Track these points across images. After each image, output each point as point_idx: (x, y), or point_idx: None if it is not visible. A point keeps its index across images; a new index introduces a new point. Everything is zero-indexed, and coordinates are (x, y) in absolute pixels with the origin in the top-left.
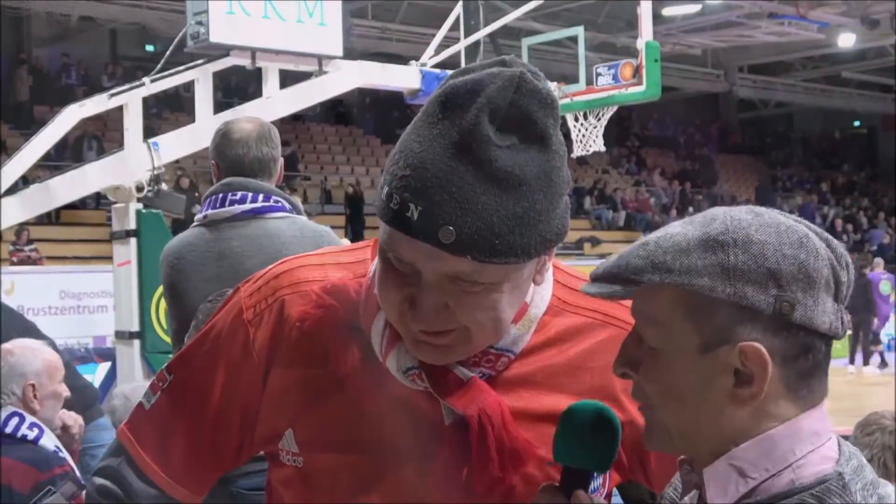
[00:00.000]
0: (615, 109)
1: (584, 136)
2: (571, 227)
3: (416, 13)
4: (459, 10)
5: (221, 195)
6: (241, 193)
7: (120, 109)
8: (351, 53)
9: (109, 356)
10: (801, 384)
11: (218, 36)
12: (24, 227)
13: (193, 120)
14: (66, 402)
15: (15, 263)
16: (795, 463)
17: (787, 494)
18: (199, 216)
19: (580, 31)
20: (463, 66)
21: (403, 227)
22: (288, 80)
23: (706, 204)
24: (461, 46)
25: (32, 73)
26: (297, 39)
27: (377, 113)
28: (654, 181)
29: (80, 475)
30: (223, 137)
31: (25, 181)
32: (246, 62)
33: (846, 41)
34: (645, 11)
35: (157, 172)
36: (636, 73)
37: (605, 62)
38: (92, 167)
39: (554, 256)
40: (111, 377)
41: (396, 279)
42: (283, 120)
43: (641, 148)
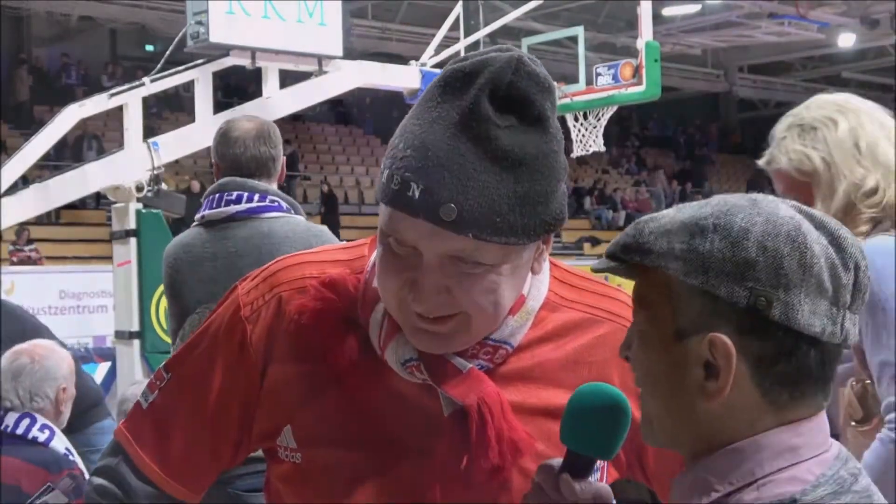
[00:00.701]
0: (615, 109)
1: (584, 136)
2: (571, 227)
3: (416, 13)
4: (459, 10)
5: (218, 195)
6: (236, 193)
7: (120, 109)
8: (351, 53)
9: (109, 356)
10: (779, 391)
11: (218, 36)
12: (24, 227)
13: (193, 120)
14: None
15: (15, 263)
16: (761, 480)
17: None
18: (197, 216)
19: (580, 31)
20: None
21: (405, 205)
22: (288, 80)
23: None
24: (461, 46)
25: (32, 73)
26: (297, 39)
27: (377, 113)
28: (657, 180)
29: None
30: (222, 137)
31: (25, 181)
32: (246, 62)
33: (846, 41)
34: (645, 11)
35: (156, 172)
36: (636, 73)
37: (604, 62)
38: (92, 167)
39: (554, 256)
40: (111, 377)
41: (396, 264)
42: (283, 120)
43: (641, 148)
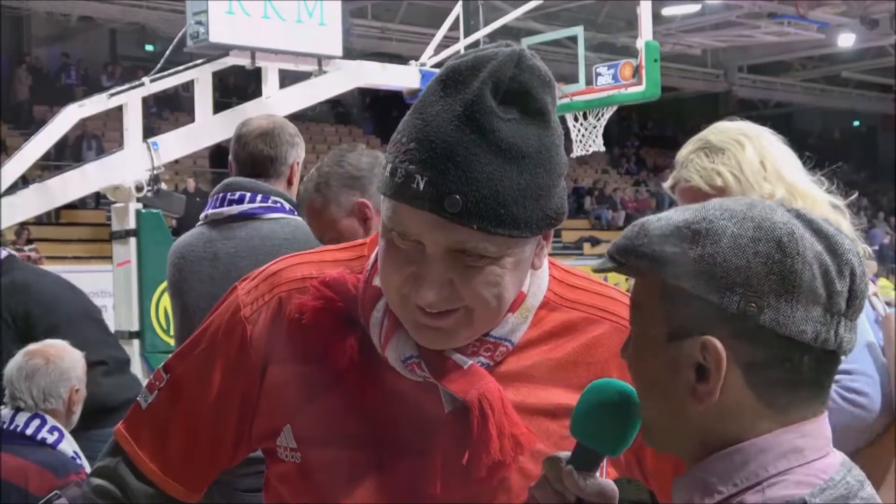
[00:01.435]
0: (615, 109)
1: (584, 136)
2: (571, 227)
3: (416, 13)
4: (459, 10)
5: (221, 195)
6: (239, 194)
7: (120, 109)
8: (351, 53)
9: None
10: (777, 395)
11: (217, 36)
12: (24, 227)
13: (193, 120)
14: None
15: None
16: (767, 481)
17: None
18: (202, 215)
19: (580, 31)
20: None
21: (410, 197)
22: (288, 80)
23: None
24: (461, 46)
25: (32, 72)
26: (296, 39)
27: (377, 113)
28: (664, 179)
29: None
30: (234, 135)
31: (25, 181)
32: (246, 62)
33: (846, 41)
34: (645, 11)
35: (156, 172)
36: (636, 72)
37: (604, 62)
38: (92, 167)
39: (554, 256)
40: None
41: (399, 258)
42: None
43: (641, 148)
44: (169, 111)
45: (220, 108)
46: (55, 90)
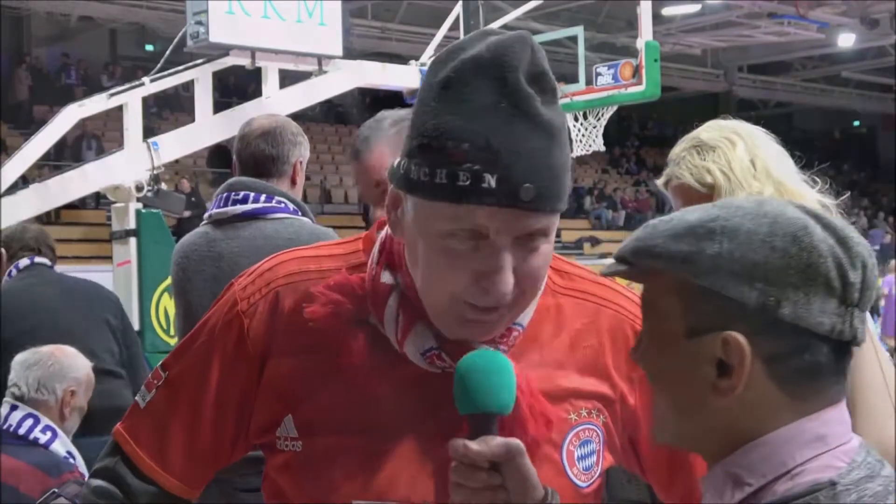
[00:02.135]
0: (615, 109)
1: (584, 135)
2: (571, 226)
3: (416, 13)
4: (459, 10)
5: (225, 195)
6: (243, 193)
7: (120, 109)
8: (351, 53)
9: None
10: (798, 385)
11: (218, 36)
12: None
13: (193, 120)
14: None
15: None
16: (795, 469)
17: None
18: (206, 215)
19: (580, 30)
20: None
21: (483, 196)
22: (288, 80)
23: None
24: None
25: (32, 72)
26: (296, 39)
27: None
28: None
29: None
30: (238, 134)
31: (25, 181)
32: (246, 62)
33: (846, 41)
34: (645, 11)
35: (156, 172)
36: (636, 72)
37: (604, 62)
38: (92, 167)
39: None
40: None
41: (459, 260)
42: None
43: (641, 148)
44: (169, 111)
45: (220, 108)
46: (55, 90)
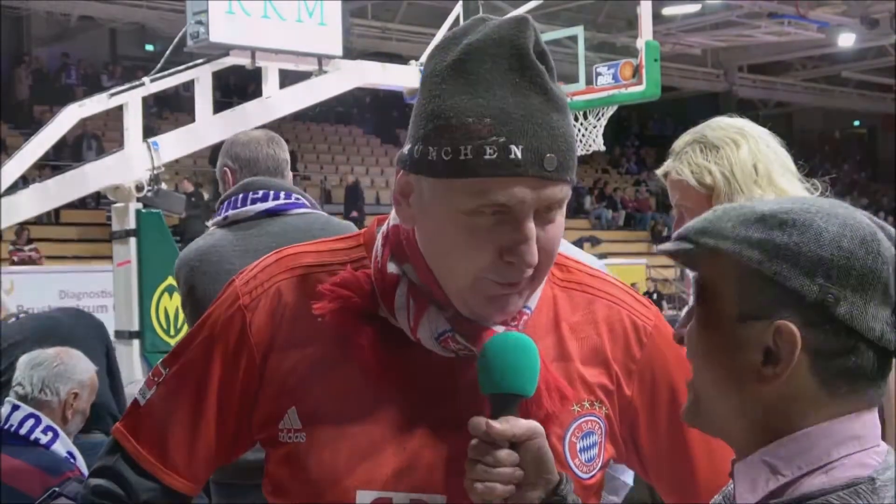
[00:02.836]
0: (615, 109)
1: (584, 135)
2: (572, 226)
3: (416, 13)
4: (459, 9)
5: (242, 195)
6: (262, 192)
7: (120, 109)
8: (351, 53)
9: None
10: (840, 384)
11: (218, 35)
12: (24, 227)
13: (193, 120)
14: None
15: (15, 263)
16: (830, 465)
17: (813, 496)
18: (217, 218)
19: (580, 30)
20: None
21: (512, 167)
22: (288, 79)
23: None
24: None
25: (32, 72)
26: (296, 39)
27: (377, 113)
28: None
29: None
30: (232, 143)
31: (25, 181)
32: (246, 62)
33: (846, 41)
34: (645, 11)
35: (156, 172)
36: (636, 72)
37: (604, 62)
38: (92, 167)
39: None
40: None
41: (485, 237)
42: (282, 120)
43: (641, 148)
44: (169, 111)
45: (220, 108)
46: (55, 90)
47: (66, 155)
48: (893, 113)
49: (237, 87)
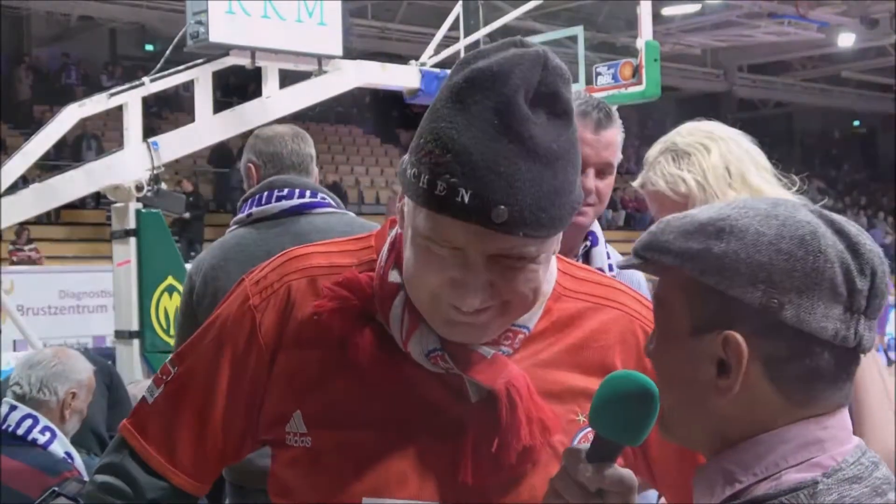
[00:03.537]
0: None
1: None
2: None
3: (416, 13)
4: (459, 9)
5: (266, 193)
6: (287, 190)
7: (120, 109)
8: (351, 53)
9: (109, 356)
10: (796, 389)
11: (218, 35)
12: (24, 226)
13: (193, 120)
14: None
15: (15, 263)
16: (786, 470)
17: (757, 501)
18: (240, 216)
19: (580, 30)
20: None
21: (456, 211)
22: (288, 80)
23: None
24: (461, 46)
25: (32, 72)
26: (296, 39)
27: (377, 113)
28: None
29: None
30: (257, 139)
31: (25, 181)
32: (246, 62)
33: (846, 41)
34: (645, 11)
35: (156, 172)
36: (636, 72)
37: (604, 62)
38: (92, 167)
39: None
40: None
41: (436, 263)
42: (282, 120)
43: (641, 148)
44: (169, 111)
45: (220, 107)
46: (55, 90)
47: (66, 155)
48: (893, 113)
49: (237, 87)
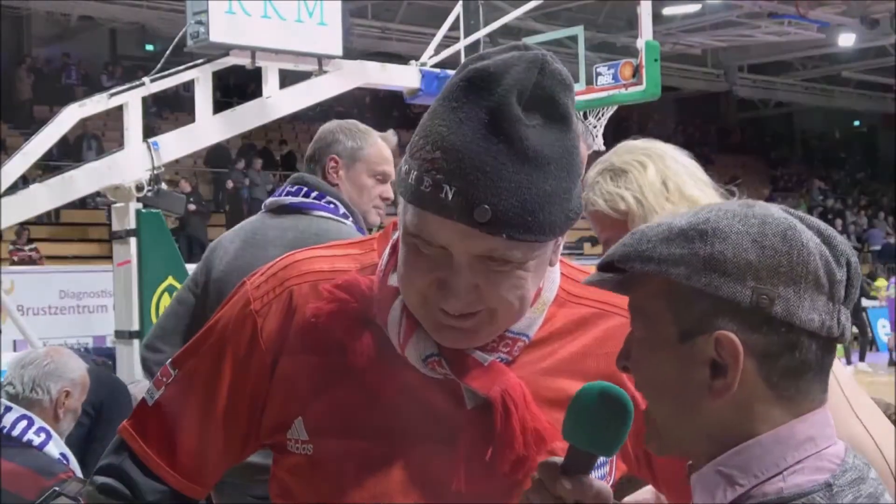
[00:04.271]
0: (615, 109)
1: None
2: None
3: (416, 13)
4: (459, 9)
5: (287, 186)
6: (297, 187)
7: (120, 109)
8: (351, 53)
9: (109, 356)
10: (786, 384)
11: (218, 35)
12: (24, 226)
13: (193, 120)
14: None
15: (15, 263)
16: (787, 470)
17: None
18: (265, 202)
19: (580, 30)
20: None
21: (439, 208)
22: (288, 79)
23: None
24: (461, 46)
25: (32, 72)
26: (296, 39)
27: (377, 113)
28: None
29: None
30: (333, 135)
31: (25, 181)
32: (246, 62)
33: (846, 41)
34: (645, 11)
35: (156, 172)
36: (636, 72)
37: (604, 62)
38: (92, 166)
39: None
40: None
41: (424, 263)
42: (282, 120)
43: None
44: (169, 111)
45: (220, 107)
46: (55, 90)
47: (66, 155)
48: (893, 113)
49: (237, 87)
